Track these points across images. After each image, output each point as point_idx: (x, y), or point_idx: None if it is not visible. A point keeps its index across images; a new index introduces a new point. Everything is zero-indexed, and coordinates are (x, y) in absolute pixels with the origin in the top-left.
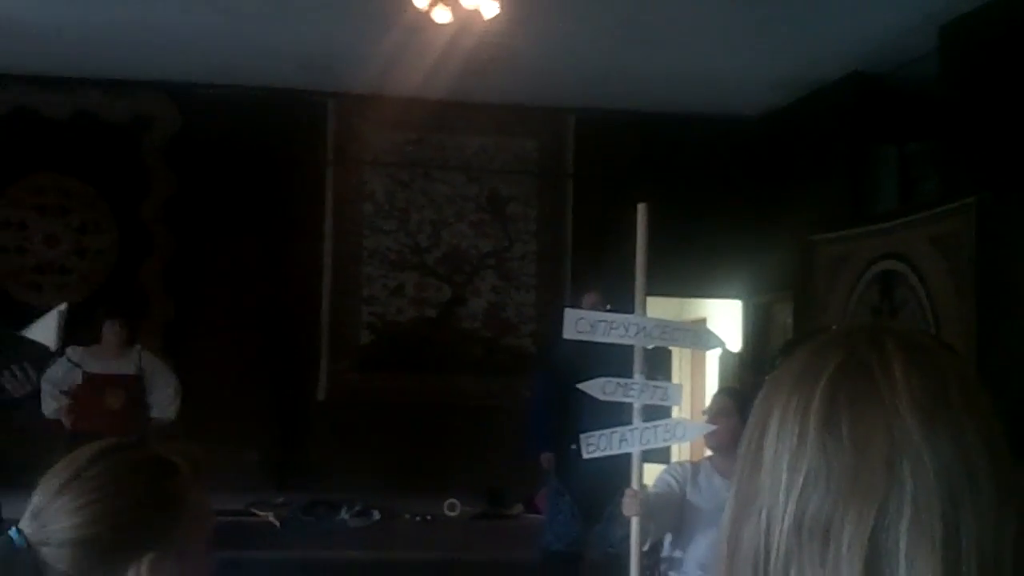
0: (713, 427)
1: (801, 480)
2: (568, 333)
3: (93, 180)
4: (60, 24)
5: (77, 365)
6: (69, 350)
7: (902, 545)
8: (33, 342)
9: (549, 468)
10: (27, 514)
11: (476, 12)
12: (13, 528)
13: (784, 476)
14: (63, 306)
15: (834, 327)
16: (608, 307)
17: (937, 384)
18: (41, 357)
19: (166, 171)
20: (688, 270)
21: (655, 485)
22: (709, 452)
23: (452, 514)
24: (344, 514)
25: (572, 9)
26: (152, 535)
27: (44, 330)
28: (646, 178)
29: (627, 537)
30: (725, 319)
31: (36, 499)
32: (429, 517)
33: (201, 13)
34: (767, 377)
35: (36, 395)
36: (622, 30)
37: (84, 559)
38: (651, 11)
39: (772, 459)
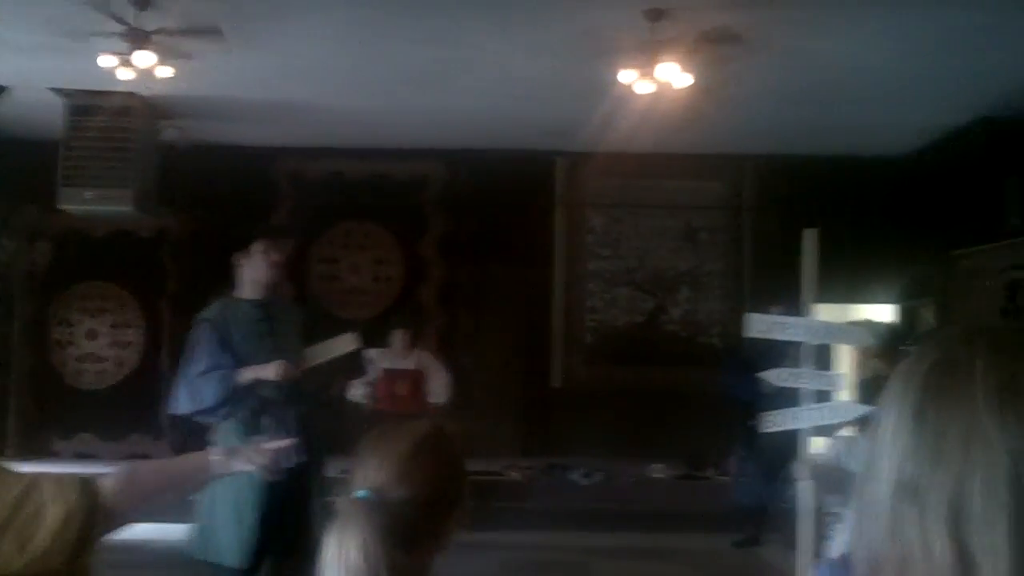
0: (867, 408)
1: (898, 455)
2: (751, 333)
3: (385, 224)
4: (361, 108)
5: (374, 362)
6: (371, 351)
7: (975, 505)
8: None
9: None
10: (365, 476)
11: (668, 84)
12: (366, 491)
13: (887, 450)
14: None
15: (946, 326)
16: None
17: (1010, 378)
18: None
19: (439, 216)
20: (851, 281)
21: (821, 455)
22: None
23: (659, 476)
24: (574, 475)
25: (746, 77)
26: (460, 494)
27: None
28: (813, 209)
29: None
30: (881, 320)
31: (375, 464)
32: (640, 478)
33: (462, 97)
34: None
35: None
36: (789, 92)
37: (414, 514)
38: (815, 76)
39: (882, 436)
